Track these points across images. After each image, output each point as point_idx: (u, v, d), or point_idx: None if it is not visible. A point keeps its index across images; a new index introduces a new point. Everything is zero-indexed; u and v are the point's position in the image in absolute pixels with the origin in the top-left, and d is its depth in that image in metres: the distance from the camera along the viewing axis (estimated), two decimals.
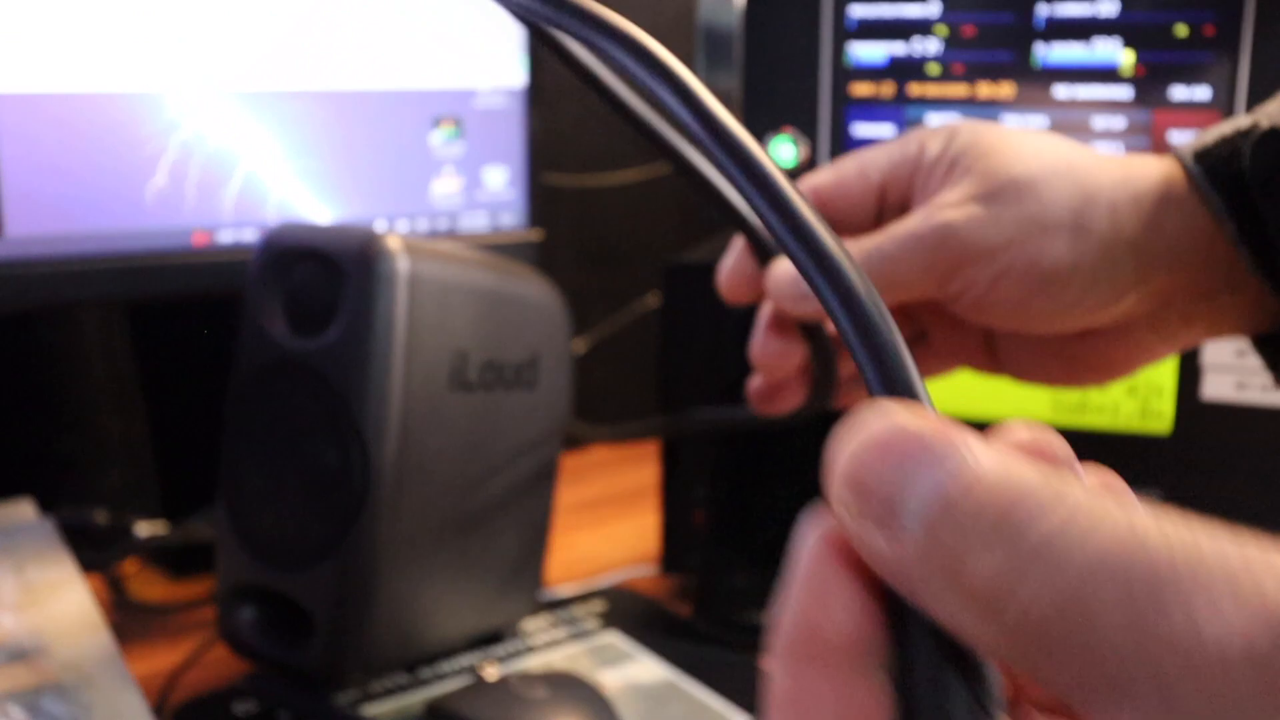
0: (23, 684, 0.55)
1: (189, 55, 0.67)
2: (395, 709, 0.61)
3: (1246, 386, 0.65)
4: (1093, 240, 0.41)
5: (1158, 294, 0.42)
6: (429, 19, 0.75)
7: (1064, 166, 0.42)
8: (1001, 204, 0.41)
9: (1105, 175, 0.42)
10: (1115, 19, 0.65)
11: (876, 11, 0.68)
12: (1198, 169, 0.41)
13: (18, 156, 0.63)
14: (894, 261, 0.42)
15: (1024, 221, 0.41)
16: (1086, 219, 0.41)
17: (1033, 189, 0.41)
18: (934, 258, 0.41)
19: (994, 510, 0.16)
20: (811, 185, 0.46)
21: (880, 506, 0.17)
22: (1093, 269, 0.41)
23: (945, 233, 0.41)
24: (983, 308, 0.42)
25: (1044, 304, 0.41)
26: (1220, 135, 0.41)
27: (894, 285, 0.42)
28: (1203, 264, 0.41)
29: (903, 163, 0.45)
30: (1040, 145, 0.43)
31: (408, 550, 0.57)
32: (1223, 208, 0.40)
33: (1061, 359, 0.46)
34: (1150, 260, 0.41)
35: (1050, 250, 0.41)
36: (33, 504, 0.75)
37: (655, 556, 0.78)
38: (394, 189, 0.76)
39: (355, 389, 0.54)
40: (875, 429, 0.18)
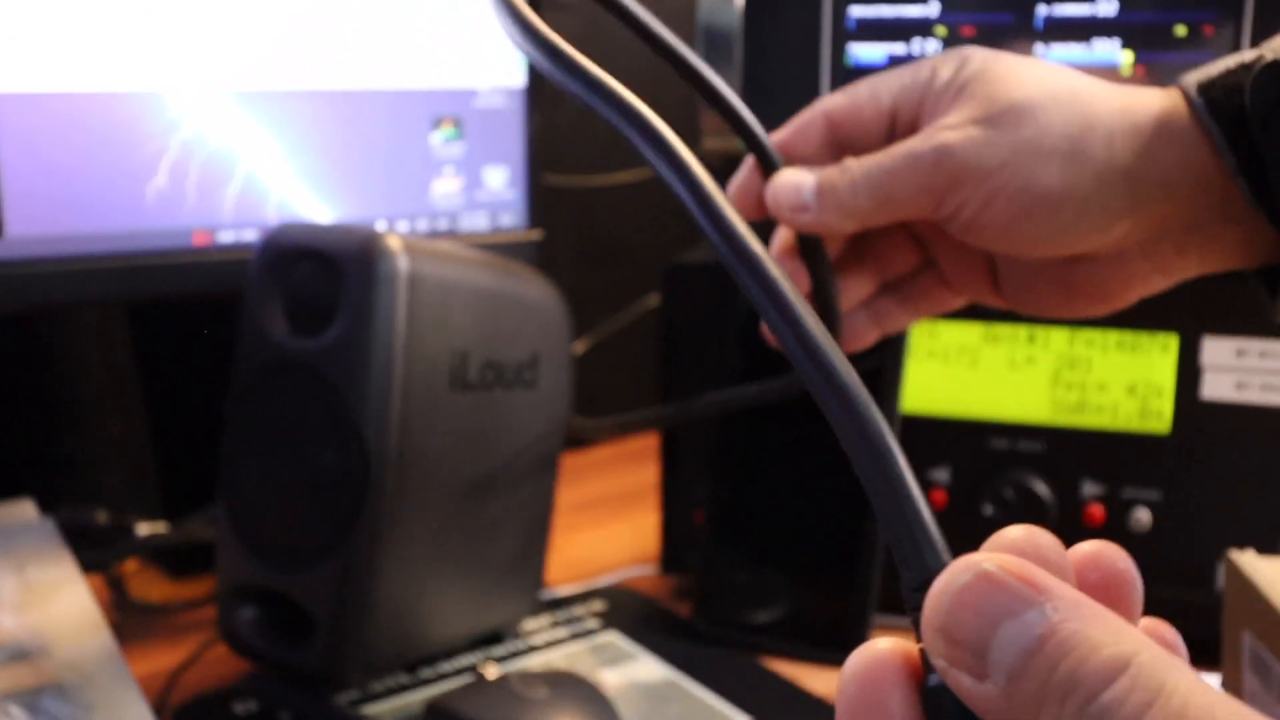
0: (23, 684, 0.55)
1: (189, 55, 0.67)
2: (395, 709, 0.61)
3: (1246, 386, 0.65)
4: (1087, 167, 0.41)
5: (1151, 223, 0.43)
6: (429, 19, 0.75)
7: (1066, 94, 0.42)
8: (1000, 128, 0.42)
9: (1105, 104, 0.42)
10: (1114, 19, 0.65)
11: (876, 12, 0.69)
12: (1200, 100, 0.41)
13: (18, 156, 0.64)
14: (892, 177, 0.43)
15: (1020, 145, 0.42)
16: (1082, 145, 0.41)
17: (1032, 114, 0.42)
18: (930, 176, 0.42)
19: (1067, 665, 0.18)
20: (824, 107, 0.47)
21: (970, 656, 0.19)
22: (1085, 195, 0.41)
23: (942, 152, 0.42)
24: (975, 228, 0.43)
25: (1035, 227, 0.42)
26: (1225, 67, 0.42)
27: (892, 201, 0.43)
28: (1198, 195, 0.42)
29: (914, 86, 0.45)
30: (1045, 73, 0.43)
31: (408, 550, 0.57)
32: (1223, 140, 0.41)
33: (1058, 286, 0.46)
34: (1144, 190, 0.42)
35: (1043, 174, 0.41)
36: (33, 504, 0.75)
37: (655, 556, 0.78)
38: (394, 189, 0.76)
39: (355, 389, 0.54)
40: (963, 581, 0.20)
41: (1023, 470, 0.69)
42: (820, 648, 0.69)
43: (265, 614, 0.59)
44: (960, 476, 0.70)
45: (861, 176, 0.44)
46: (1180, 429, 0.67)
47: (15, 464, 0.84)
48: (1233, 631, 0.54)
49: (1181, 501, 0.67)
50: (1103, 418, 0.68)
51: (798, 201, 0.45)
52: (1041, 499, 0.68)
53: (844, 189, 0.44)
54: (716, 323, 0.72)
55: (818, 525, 0.70)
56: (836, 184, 0.44)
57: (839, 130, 0.47)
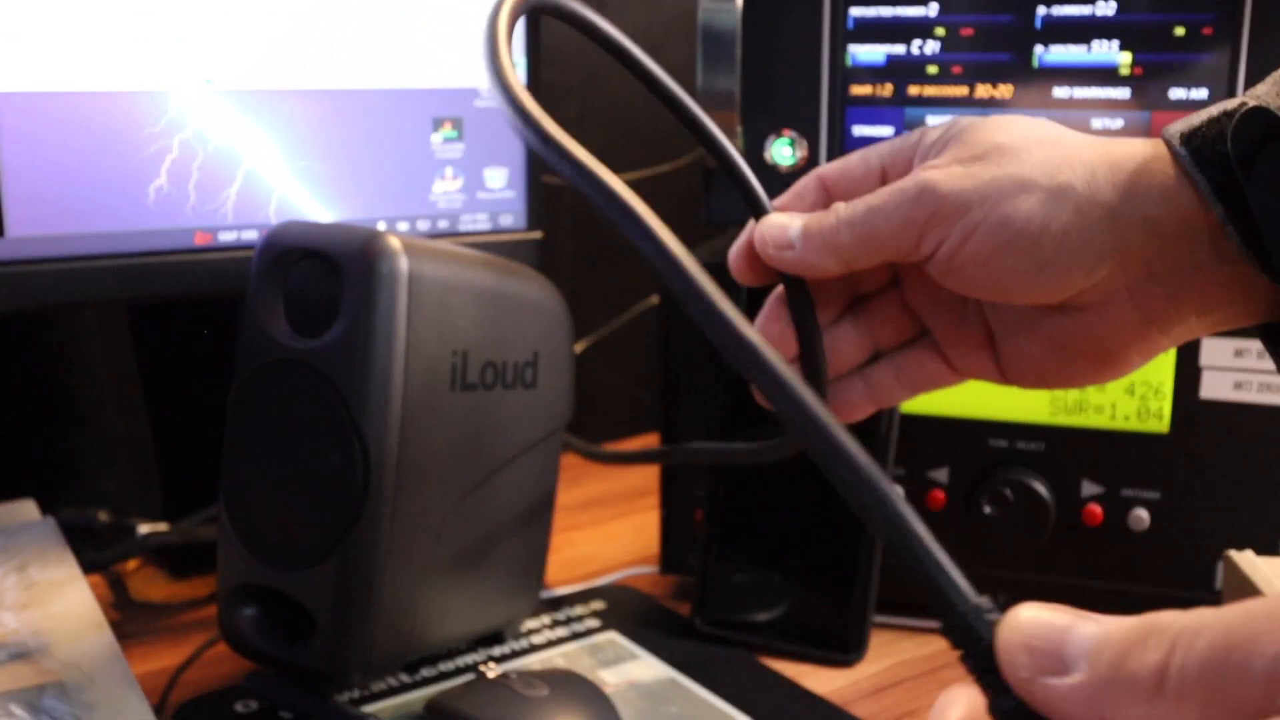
0: (25, 683, 0.55)
1: (189, 55, 0.67)
2: (396, 708, 0.61)
3: (1244, 386, 0.66)
4: (1066, 202, 0.42)
5: (1136, 264, 0.42)
6: (429, 19, 0.75)
7: (1048, 138, 0.43)
8: (981, 164, 0.43)
9: (1087, 145, 0.43)
10: (1113, 19, 0.65)
11: (876, 12, 0.69)
12: (1184, 150, 0.41)
13: (19, 156, 0.64)
14: (877, 212, 0.44)
15: (1000, 179, 0.42)
16: (1062, 180, 0.42)
17: (1014, 152, 0.43)
18: (912, 210, 0.43)
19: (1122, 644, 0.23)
20: (818, 172, 0.48)
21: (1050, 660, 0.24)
22: (1064, 229, 0.42)
23: (925, 187, 0.43)
24: (956, 267, 0.43)
25: (1015, 262, 0.42)
26: (1208, 116, 0.42)
27: (876, 238, 0.44)
28: (1184, 236, 0.42)
29: (903, 148, 0.47)
30: (1030, 123, 0.44)
31: (408, 550, 0.57)
32: (1208, 188, 0.41)
33: (1054, 348, 0.46)
34: (1127, 227, 0.42)
35: (1022, 207, 0.42)
36: (35, 504, 0.75)
37: (655, 556, 0.78)
38: (394, 189, 0.76)
39: (355, 389, 0.55)
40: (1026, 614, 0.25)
41: (1022, 470, 0.69)
42: (820, 648, 0.69)
43: (266, 613, 0.59)
44: (960, 476, 0.70)
45: (846, 215, 0.44)
46: (1179, 429, 0.67)
47: (17, 464, 0.84)
48: None
49: (1180, 501, 0.67)
50: (1102, 417, 0.68)
51: (783, 239, 0.45)
52: (1041, 498, 0.68)
53: (828, 227, 0.45)
54: None
55: (817, 525, 0.70)
56: (822, 222, 0.45)
57: (833, 192, 0.48)
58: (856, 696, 0.65)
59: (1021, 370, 0.47)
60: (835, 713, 0.63)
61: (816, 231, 0.45)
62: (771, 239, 0.46)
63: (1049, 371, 0.47)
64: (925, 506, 0.71)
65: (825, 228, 0.45)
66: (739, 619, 0.71)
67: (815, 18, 0.69)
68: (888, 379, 0.50)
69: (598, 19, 0.45)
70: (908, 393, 0.50)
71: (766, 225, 0.46)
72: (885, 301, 0.50)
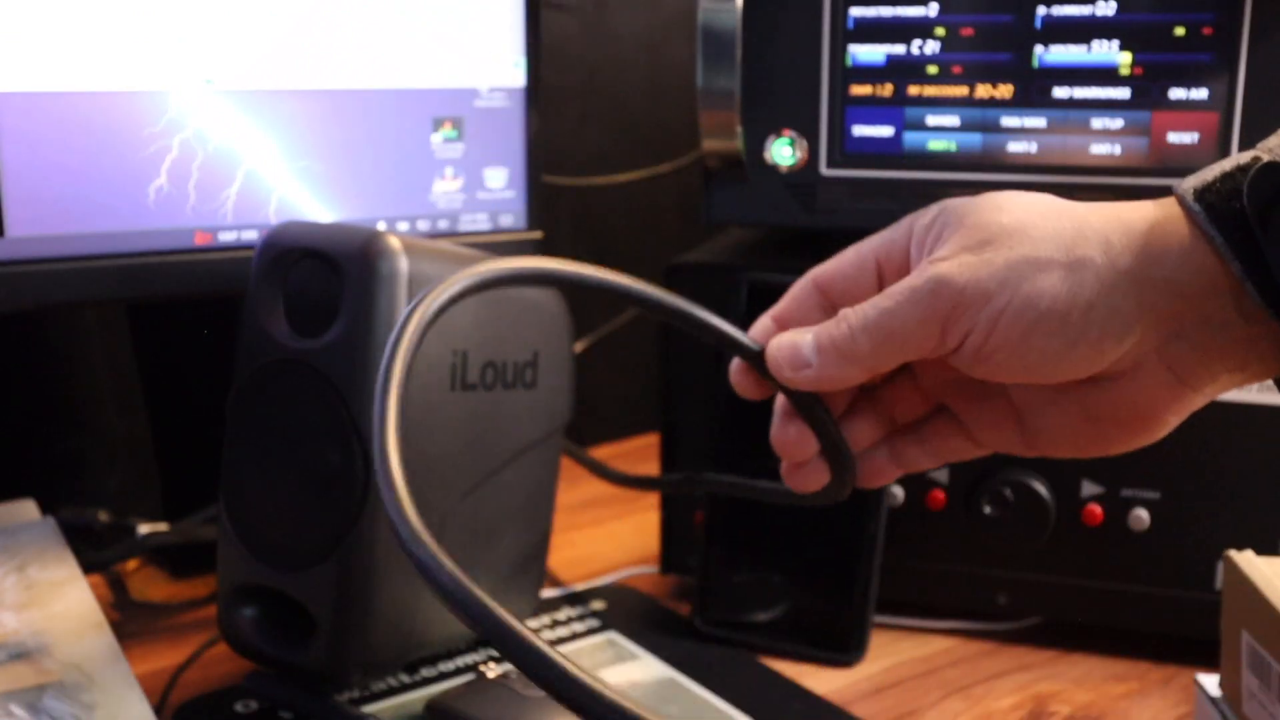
0: (25, 683, 0.55)
1: (189, 55, 0.67)
2: (396, 708, 0.61)
3: (1245, 386, 0.65)
4: (1088, 273, 0.41)
5: (1163, 324, 0.42)
6: (429, 19, 0.75)
7: (1052, 212, 0.42)
8: (993, 249, 0.41)
9: (1097, 214, 0.42)
10: (1113, 19, 0.65)
11: (876, 12, 0.69)
12: (1198, 206, 0.40)
13: (19, 156, 0.64)
14: (892, 315, 0.42)
15: (1016, 262, 0.41)
16: (1079, 254, 0.41)
17: (1023, 232, 0.42)
18: (930, 308, 0.42)
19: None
20: (811, 275, 0.47)
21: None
22: (1090, 302, 0.41)
23: (938, 281, 0.42)
24: (985, 356, 0.42)
25: (1045, 342, 0.41)
26: (1221, 171, 0.41)
27: (894, 340, 0.43)
28: (1207, 295, 0.41)
29: (895, 239, 0.45)
30: (1027, 199, 0.43)
31: None
32: (1225, 245, 0.40)
33: (1086, 420, 0.45)
34: (1150, 291, 0.41)
35: (1046, 286, 0.41)
36: (35, 504, 0.75)
37: (655, 556, 0.78)
38: (394, 189, 0.76)
39: (356, 389, 0.55)
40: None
41: (1022, 470, 0.69)
42: (820, 648, 0.69)
43: (266, 613, 0.59)
44: (959, 476, 0.70)
45: (859, 322, 0.43)
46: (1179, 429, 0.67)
47: (17, 464, 0.84)
48: (1231, 631, 0.54)
49: (1180, 501, 0.67)
50: None
51: (798, 359, 0.44)
52: (1040, 498, 0.68)
53: (842, 337, 0.43)
54: None
55: (817, 525, 0.70)
56: (834, 334, 0.44)
57: (830, 293, 0.47)
58: (856, 696, 0.65)
59: (1053, 442, 0.46)
60: (835, 713, 0.63)
61: (830, 344, 0.44)
62: (786, 360, 0.45)
63: (1082, 441, 0.46)
64: (925, 506, 0.71)
65: (840, 338, 0.43)
66: (739, 619, 0.71)
67: (815, 18, 0.69)
68: (912, 449, 0.49)
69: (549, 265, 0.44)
70: (934, 462, 0.49)
71: (778, 348, 0.45)
72: (898, 388, 0.48)
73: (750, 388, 0.48)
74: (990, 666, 0.68)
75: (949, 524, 0.70)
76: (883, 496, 0.69)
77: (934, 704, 0.64)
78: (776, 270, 0.71)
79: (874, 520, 0.69)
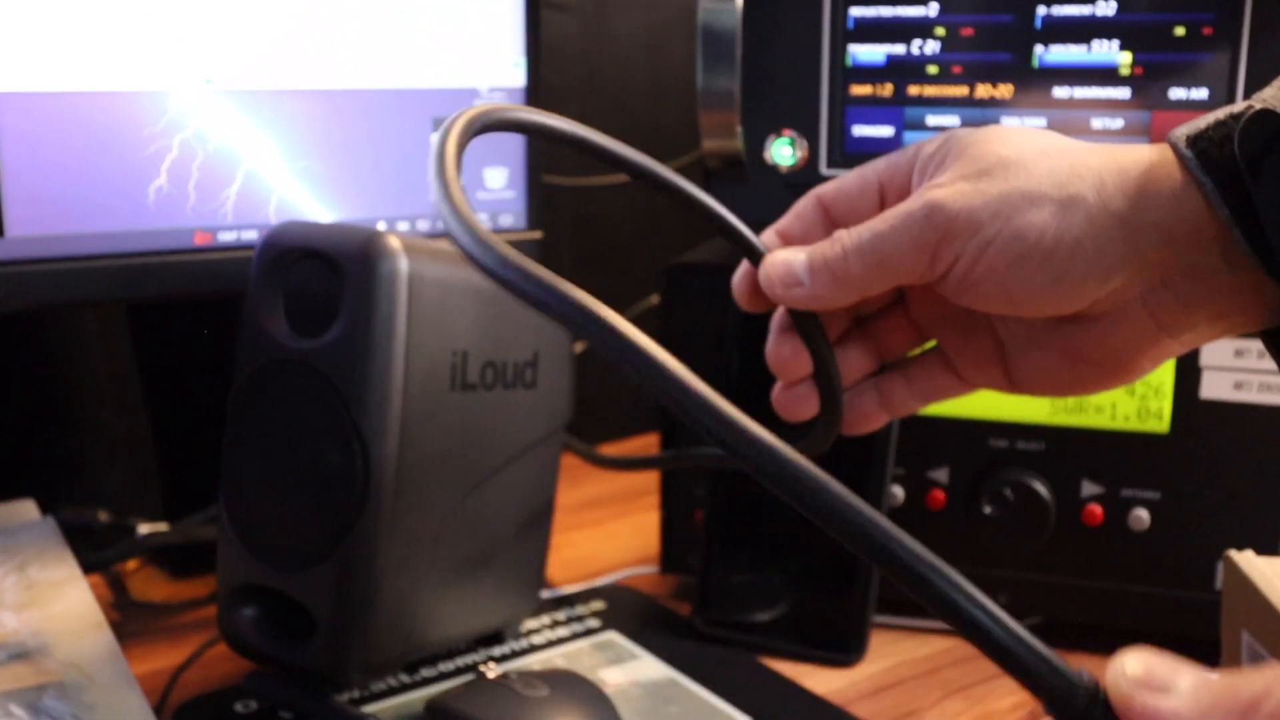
0: (25, 683, 0.55)
1: (189, 55, 0.67)
2: (396, 708, 0.61)
3: (1244, 386, 0.66)
4: (1078, 211, 0.41)
5: (1150, 270, 0.42)
6: (429, 19, 0.75)
7: (1052, 149, 0.43)
8: (988, 180, 0.42)
9: (1093, 154, 0.42)
10: (1113, 19, 0.65)
11: (876, 12, 0.69)
12: (1190, 153, 0.41)
13: (19, 156, 0.64)
14: (884, 238, 0.43)
15: (1009, 194, 0.42)
16: (1071, 190, 0.41)
17: (1019, 165, 0.42)
18: (923, 233, 0.42)
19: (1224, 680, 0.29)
20: (815, 192, 0.48)
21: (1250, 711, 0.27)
22: (1078, 239, 0.41)
23: (932, 207, 0.42)
24: (970, 285, 0.43)
25: (1030, 275, 0.42)
26: (1214, 119, 0.41)
27: (886, 263, 0.43)
28: (1195, 241, 0.41)
29: (900, 163, 0.46)
30: (1030, 134, 0.44)
31: (408, 550, 0.57)
32: (1214, 190, 0.40)
33: (1066, 358, 0.45)
34: (1139, 234, 0.41)
35: (1035, 220, 0.41)
36: (35, 504, 0.75)
37: (655, 556, 0.78)
38: (394, 189, 0.76)
39: (355, 389, 0.55)
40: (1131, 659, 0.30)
41: (1022, 470, 0.69)
42: (820, 648, 0.69)
43: (266, 613, 0.59)
44: (959, 476, 0.70)
45: (852, 244, 0.44)
46: (1179, 429, 0.67)
47: (17, 464, 0.84)
48: (1231, 631, 0.54)
49: (1180, 501, 0.67)
50: (1102, 417, 0.68)
51: (791, 277, 0.45)
52: (1041, 498, 0.68)
53: (835, 258, 0.44)
54: (716, 323, 0.72)
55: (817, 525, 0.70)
56: (828, 254, 0.44)
57: (832, 212, 0.47)
58: (856, 696, 0.65)
59: (1032, 380, 0.47)
60: (835, 713, 0.63)
61: (823, 264, 0.44)
62: (779, 278, 0.45)
63: (1060, 380, 0.46)
64: (925, 506, 0.71)
65: (832, 259, 0.44)
66: (739, 619, 0.71)
67: (815, 18, 0.69)
68: (899, 389, 0.49)
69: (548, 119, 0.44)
70: (919, 402, 0.50)
71: (772, 264, 0.46)
72: (890, 317, 0.49)
73: (751, 300, 0.48)
74: (990, 666, 0.67)
75: (949, 524, 0.70)
76: (883, 496, 0.69)
77: (934, 704, 0.64)
78: None
79: None
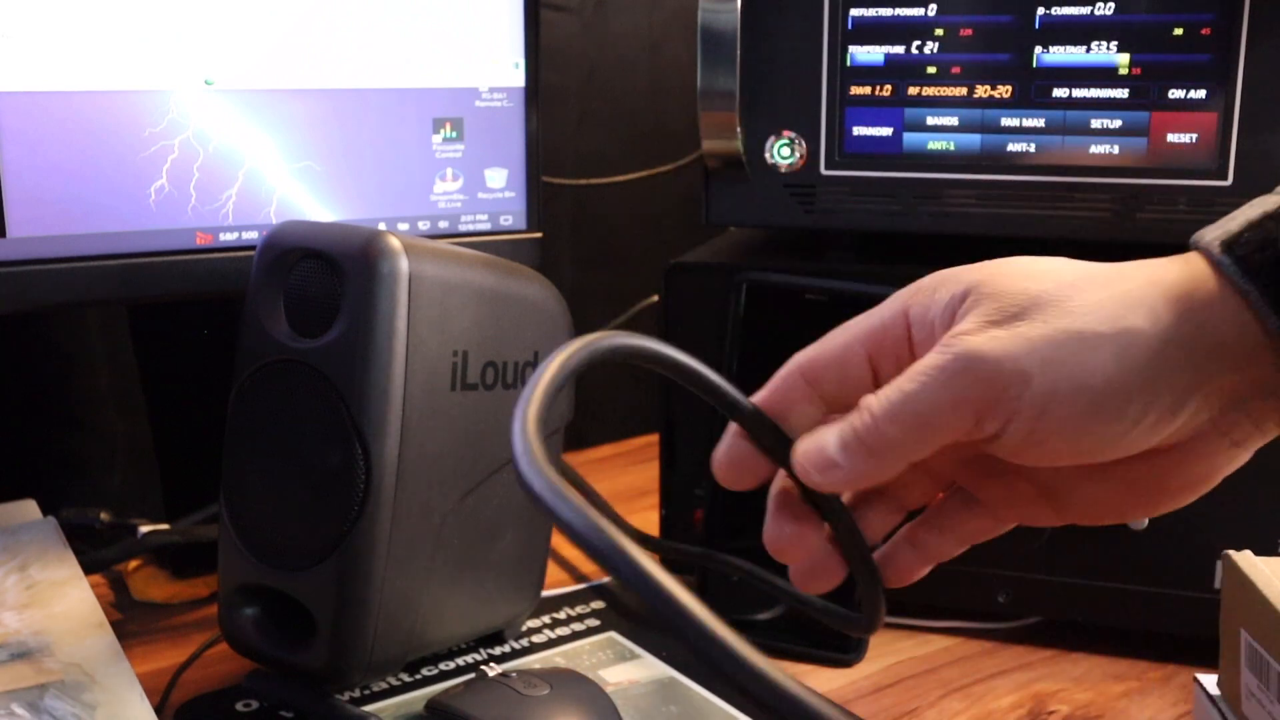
0: (26, 682, 0.55)
1: (190, 55, 0.67)
2: (396, 707, 0.61)
3: None
4: (1139, 349, 0.36)
5: (1222, 394, 0.38)
6: (429, 19, 0.75)
7: (1086, 279, 0.38)
8: (1026, 323, 0.37)
9: (1132, 279, 0.38)
10: (1112, 20, 0.65)
11: (876, 13, 0.69)
12: (1227, 259, 0.37)
13: (19, 156, 0.64)
14: (916, 398, 0.37)
15: (1058, 337, 0.36)
16: (1126, 326, 0.36)
17: (1058, 303, 0.37)
18: (963, 390, 0.37)
19: None
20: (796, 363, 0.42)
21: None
22: (1147, 379, 0.36)
23: (970, 359, 0.37)
24: (1031, 445, 0.38)
25: (1102, 428, 0.37)
26: (1247, 220, 0.37)
27: (926, 425, 0.37)
28: (1252, 353, 0.37)
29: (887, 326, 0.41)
30: (1053, 263, 0.39)
31: (408, 550, 0.57)
32: (1260, 299, 0.36)
33: (1134, 489, 0.41)
34: (1205, 359, 0.37)
35: (1096, 365, 0.36)
36: (35, 504, 0.75)
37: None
38: (394, 189, 0.76)
39: (355, 389, 0.55)
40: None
41: None
42: (820, 648, 0.69)
43: (266, 613, 0.59)
44: None
45: (882, 410, 0.38)
46: None
47: (18, 464, 0.84)
48: (1230, 630, 0.54)
49: None
50: None
51: (825, 461, 0.39)
52: None
53: (867, 429, 0.38)
54: (716, 322, 0.72)
55: None
56: (857, 426, 0.38)
57: (819, 387, 0.41)
58: (856, 696, 0.65)
59: (1088, 513, 0.42)
60: None
61: (855, 438, 0.38)
62: (814, 465, 0.40)
63: (1124, 508, 0.42)
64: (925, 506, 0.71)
65: (864, 431, 0.38)
66: (739, 619, 0.71)
67: (815, 18, 0.69)
68: (930, 538, 0.44)
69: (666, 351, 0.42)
70: (960, 547, 0.44)
71: (803, 453, 0.40)
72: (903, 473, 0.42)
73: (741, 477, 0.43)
74: (990, 666, 0.68)
75: None
76: None
77: (934, 703, 0.64)
78: (776, 270, 0.71)
79: None
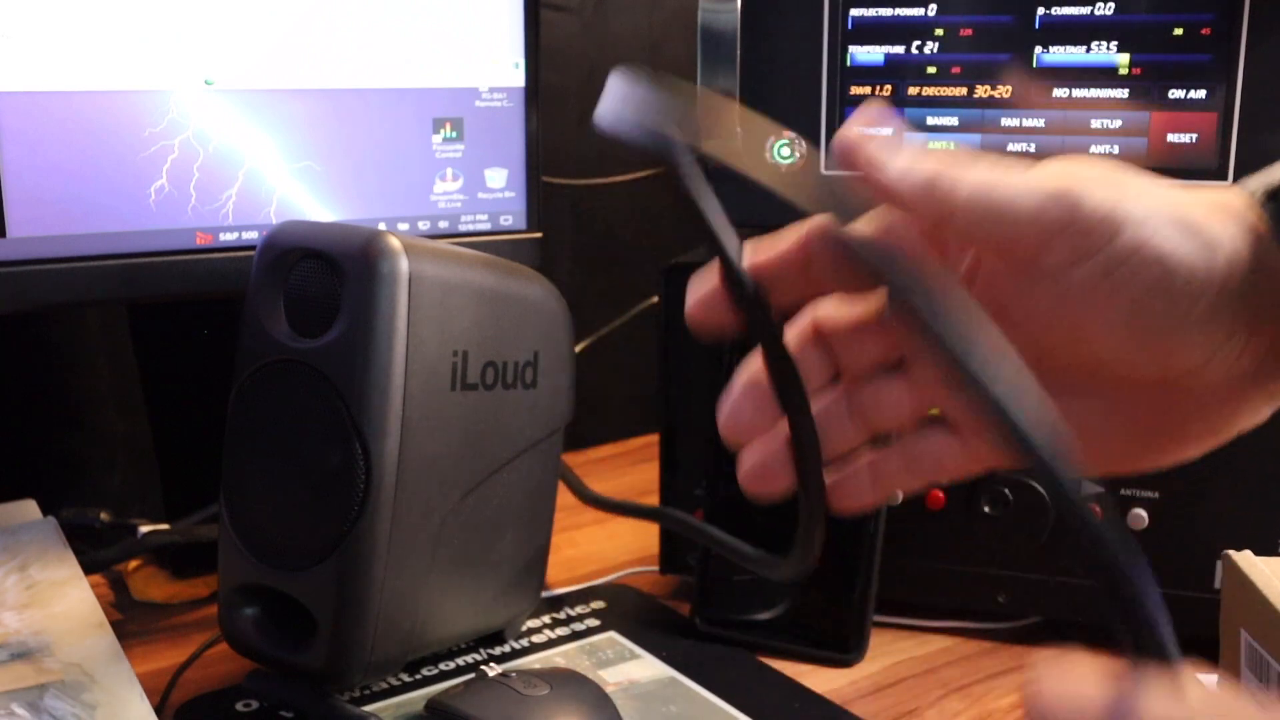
0: (26, 682, 0.55)
1: (190, 55, 0.67)
2: (396, 707, 0.61)
3: None
4: (1220, 254, 0.34)
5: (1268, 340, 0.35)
6: (429, 19, 0.75)
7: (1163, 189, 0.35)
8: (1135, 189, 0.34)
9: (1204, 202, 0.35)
10: (1112, 20, 0.65)
11: (876, 13, 0.69)
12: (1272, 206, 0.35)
13: (19, 156, 0.64)
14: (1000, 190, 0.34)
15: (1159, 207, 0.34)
16: (1214, 234, 0.34)
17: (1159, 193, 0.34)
18: (1046, 208, 0.33)
19: None
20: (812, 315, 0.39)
21: None
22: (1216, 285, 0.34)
23: (1068, 185, 0.33)
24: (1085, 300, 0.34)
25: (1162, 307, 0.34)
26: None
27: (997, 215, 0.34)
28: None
29: None
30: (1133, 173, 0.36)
31: (408, 550, 0.57)
32: None
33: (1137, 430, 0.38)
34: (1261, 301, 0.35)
35: (1183, 249, 0.33)
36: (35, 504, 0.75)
37: (655, 556, 0.78)
38: (394, 189, 0.76)
39: (355, 389, 0.55)
40: None
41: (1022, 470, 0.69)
42: (820, 648, 0.69)
43: (267, 613, 0.59)
44: None
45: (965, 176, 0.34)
46: None
47: (18, 464, 0.84)
48: (1230, 630, 0.54)
49: (1179, 500, 0.67)
50: None
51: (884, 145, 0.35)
52: (1040, 498, 0.68)
53: (943, 171, 0.34)
54: None
55: None
56: (938, 162, 0.34)
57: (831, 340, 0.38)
58: (856, 696, 0.65)
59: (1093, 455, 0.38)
60: (835, 712, 0.63)
61: (924, 167, 0.34)
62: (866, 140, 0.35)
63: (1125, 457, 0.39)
64: (925, 506, 0.71)
65: (942, 170, 0.34)
66: (739, 619, 0.71)
67: (815, 18, 0.69)
68: (892, 468, 0.40)
69: None
70: (918, 484, 0.40)
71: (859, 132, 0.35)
72: (885, 385, 0.39)
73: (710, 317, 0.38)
74: (990, 666, 0.68)
75: (949, 524, 0.70)
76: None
77: (934, 703, 0.64)
78: None
79: (873, 520, 0.69)
